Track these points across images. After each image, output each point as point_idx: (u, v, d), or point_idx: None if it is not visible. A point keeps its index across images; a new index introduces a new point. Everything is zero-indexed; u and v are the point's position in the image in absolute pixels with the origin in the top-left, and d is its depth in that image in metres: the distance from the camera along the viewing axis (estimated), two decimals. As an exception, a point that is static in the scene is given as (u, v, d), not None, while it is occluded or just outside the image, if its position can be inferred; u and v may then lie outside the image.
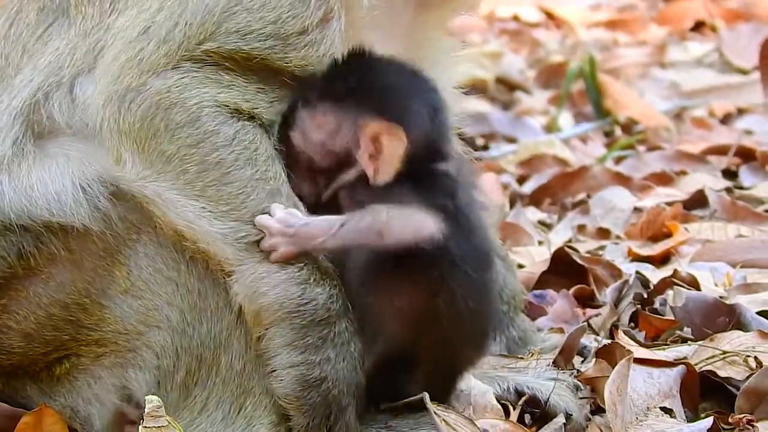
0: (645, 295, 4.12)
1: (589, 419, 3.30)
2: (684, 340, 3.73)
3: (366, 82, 3.11)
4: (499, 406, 3.27)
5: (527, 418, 3.34)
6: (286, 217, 3.02)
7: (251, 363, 3.06)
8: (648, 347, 3.60)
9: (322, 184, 3.13)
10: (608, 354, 3.45)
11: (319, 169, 3.11)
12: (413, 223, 2.99)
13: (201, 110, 3.01)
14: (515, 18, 10.53)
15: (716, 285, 4.22)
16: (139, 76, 3.01)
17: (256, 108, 3.06)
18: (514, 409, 3.30)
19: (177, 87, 3.01)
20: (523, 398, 3.33)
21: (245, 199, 3.01)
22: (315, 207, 3.09)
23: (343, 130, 3.08)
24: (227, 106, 3.03)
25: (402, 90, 3.13)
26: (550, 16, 10.61)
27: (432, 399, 3.09)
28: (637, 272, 4.27)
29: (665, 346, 3.66)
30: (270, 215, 3.02)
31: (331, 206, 3.09)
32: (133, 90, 3.01)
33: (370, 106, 3.08)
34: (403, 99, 3.12)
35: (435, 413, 3.05)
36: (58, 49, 3.16)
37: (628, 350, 3.36)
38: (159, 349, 3.07)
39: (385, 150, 3.06)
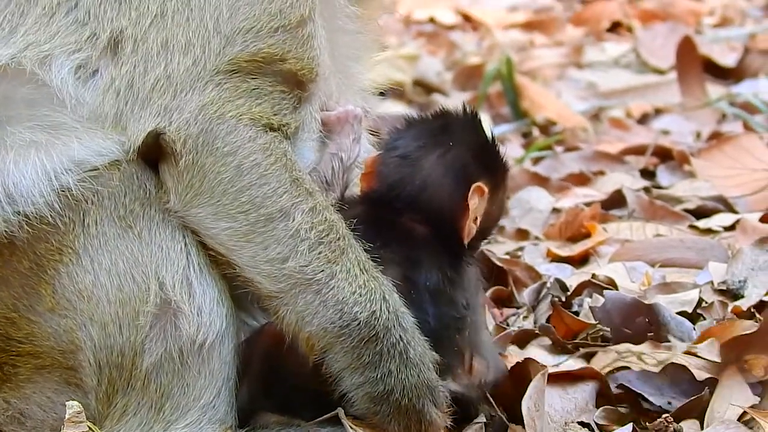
0: (563, 298, 4.09)
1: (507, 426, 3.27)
2: (605, 339, 3.71)
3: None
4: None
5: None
6: None
7: (170, 366, 3.01)
8: (566, 350, 3.56)
9: None
10: (522, 370, 3.40)
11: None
12: None
13: (239, 123, 3.04)
14: (431, 20, 10.48)
15: (634, 283, 4.20)
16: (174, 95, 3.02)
17: (284, 117, 3.10)
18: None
19: (214, 102, 3.03)
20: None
21: (283, 219, 3.03)
22: None
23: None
24: (260, 118, 3.05)
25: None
26: (466, 18, 10.58)
27: None
28: (556, 279, 4.25)
29: (582, 347, 3.64)
30: None
31: None
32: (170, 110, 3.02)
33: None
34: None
35: (351, 427, 3.04)
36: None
37: (542, 365, 3.35)
38: (86, 365, 3.01)
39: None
